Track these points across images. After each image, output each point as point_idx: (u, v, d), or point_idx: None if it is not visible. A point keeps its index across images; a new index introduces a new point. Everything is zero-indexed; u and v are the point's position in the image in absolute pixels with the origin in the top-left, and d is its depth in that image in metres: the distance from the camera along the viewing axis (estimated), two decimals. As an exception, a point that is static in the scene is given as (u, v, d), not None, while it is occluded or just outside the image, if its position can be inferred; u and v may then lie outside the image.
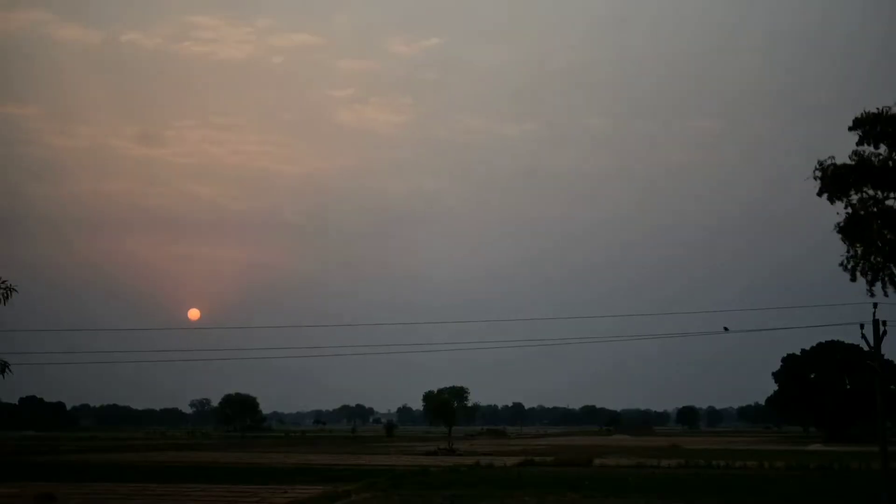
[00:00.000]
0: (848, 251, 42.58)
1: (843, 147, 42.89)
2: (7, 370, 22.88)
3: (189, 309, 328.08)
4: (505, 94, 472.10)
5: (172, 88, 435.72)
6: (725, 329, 50.81)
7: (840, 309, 49.98)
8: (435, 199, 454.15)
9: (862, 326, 40.00)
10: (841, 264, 42.86)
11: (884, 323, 39.83)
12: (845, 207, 42.07)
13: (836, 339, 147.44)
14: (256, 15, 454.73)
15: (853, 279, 42.45)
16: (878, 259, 41.97)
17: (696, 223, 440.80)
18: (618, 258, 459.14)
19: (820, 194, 42.39)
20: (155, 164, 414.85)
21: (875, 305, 40.28)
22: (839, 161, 42.03)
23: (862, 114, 41.52)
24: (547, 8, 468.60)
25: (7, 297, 22.91)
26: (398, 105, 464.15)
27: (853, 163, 41.57)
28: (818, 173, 42.26)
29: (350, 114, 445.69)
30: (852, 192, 41.86)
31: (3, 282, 22.92)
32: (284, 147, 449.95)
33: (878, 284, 42.19)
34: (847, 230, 42.00)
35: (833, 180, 41.72)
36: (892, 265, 41.91)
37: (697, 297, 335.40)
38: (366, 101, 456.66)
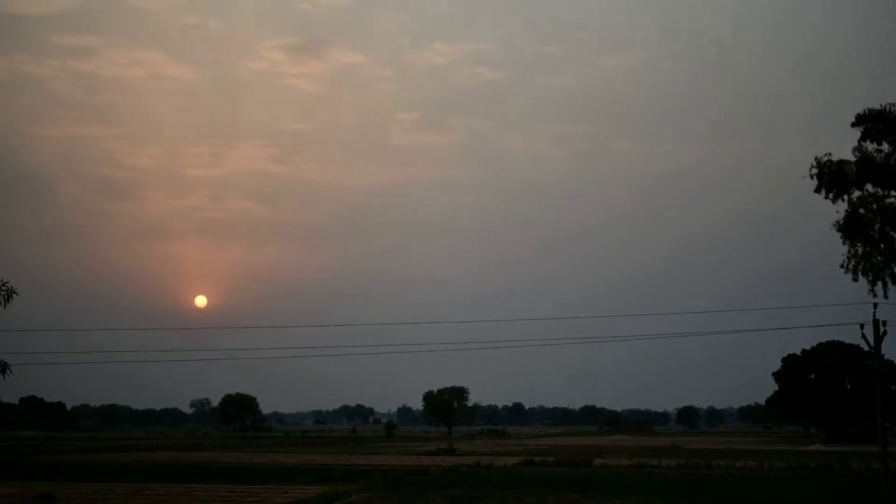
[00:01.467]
0: (849, 251, 42.50)
1: (840, 145, 42.82)
2: (8, 371, 22.87)
3: (196, 296, 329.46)
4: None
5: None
6: None
7: (840, 309, 50.02)
8: (436, 200, 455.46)
9: (862, 326, 39.95)
10: (842, 265, 42.79)
11: (884, 323, 39.79)
12: (847, 206, 41.91)
13: (836, 339, 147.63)
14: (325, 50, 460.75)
15: (855, 279, 42.39)
16: (880, 259, 41.91)
17: (697, 223, 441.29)
18: (618, 258, 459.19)
19: (817, 191, 42.20)
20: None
21: (875, 305, 40.25)
22: (836, 158, 41.84)
23: (865, 110, 41.30)
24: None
25: (8, 300, 22.89)
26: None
27: (855, 159, 41.36)
28: (814, 170, 42.07)
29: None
30: (853, 190, 41.71)
31: (5, 283, 22.89)
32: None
33: (879, 284, 42.17)
34: (847, 229, 41.84)
35: (833, 177, 41.52)
36: (893, 265, 41.83)
37: (697, 297, 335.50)
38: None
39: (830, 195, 41.99)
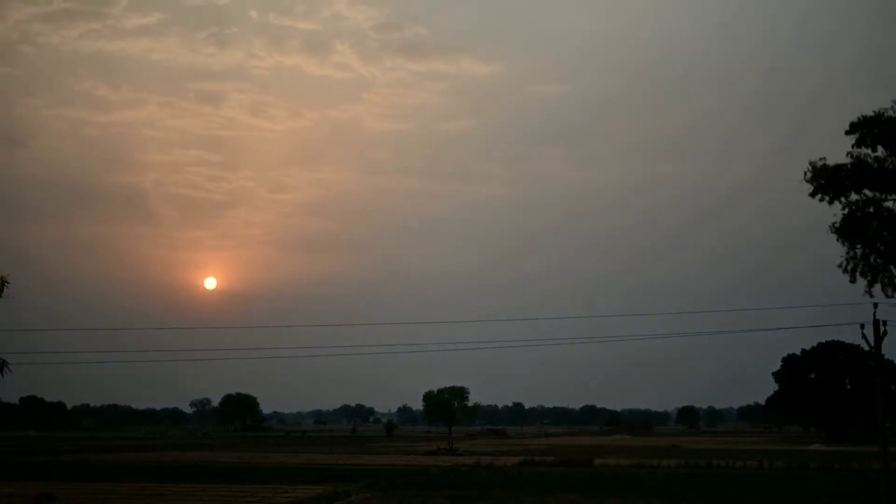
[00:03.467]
0: (847, 252, 42.63)
1: (833, 149, 42.99)
2: (6, 369, 22.87)
3: (206, 279, 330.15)
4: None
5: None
6: None
7: (840, 309, 49.98)
8: (437, 205, 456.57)
9: (862, 326, 39.95)
10: (840, 265, 42.92)
11: (884, 323, 39.79)
12: (843, 209, 42.12)
13: (836, 339, 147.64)
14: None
15: (853, 280, 42.50)
16: (878, 260, 42.03)
17: (697, 223, 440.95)
18: (618, 258, 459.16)
19: (813, 195, 42.48)
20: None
21: (875, 305, 40.25)
22: (831, 162, 42.13)
23: (859, 117, 41.75)
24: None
25: (1, 289, 22.86)
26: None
27: (849, 163, 41.66)
28: (809, 174, 42.37)
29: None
30: (851, 193, 41.92)
31: None
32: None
33: (878, 286, 42.25)
34: (844, 231, 42.03)
35: (829, 181, 41.78)
36: (892, 266, 41.94)
37: (697, 297, 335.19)
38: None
39: (827, 198, 42.23)
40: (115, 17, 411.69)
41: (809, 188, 42.48)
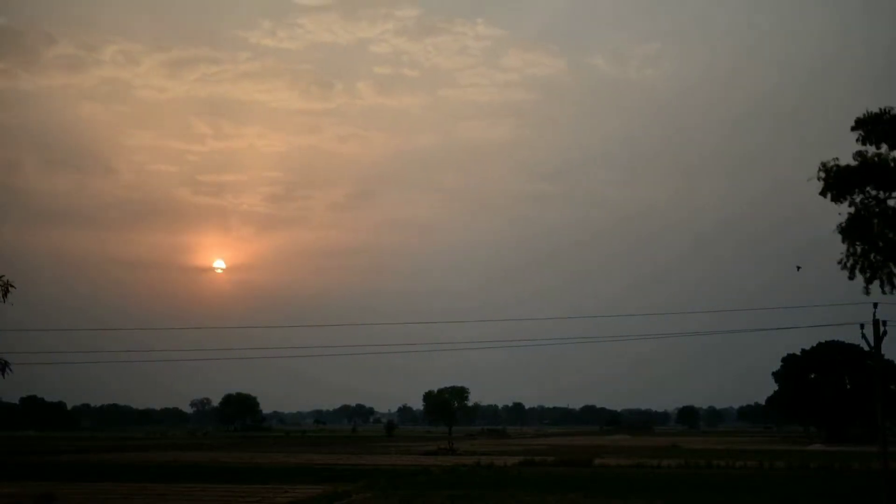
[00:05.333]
0: (848, 249, 42.75)
1: (845, 149, 43.14)
2: (7, 369, 22.81)
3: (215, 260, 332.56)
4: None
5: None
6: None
7: (840, 309, 49.96)
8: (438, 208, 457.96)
9: (862, 326, 39.95)
10: (840, 262, 43.02)
11: (884, 323, 39.80)
12: (849, 206, 42.29)
13: (836, 339, 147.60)
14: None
15: (851, 277, 42.58)
16: (878, 258, 42.10)
17: (697, 223, 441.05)
18: (618, 259, 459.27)
19: (823, 194, 42.64)
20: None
21: (875, 305, 40.26)
22: (842, 163, 42.35)
23: (864, 114, 41.86)
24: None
25: (6, 293, 22.80)
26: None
27: (856, 163, 41.86)
28: (822, 174, 42.58)
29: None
30: (856, 192, 42.07)
31: (0, 277, 22.74)
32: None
33: (876, 283, 42.31)
34: (848, 231, 42.16)
35: (837, 181, 41.95)
36: (891, 264, 42.02)
37: (698, 297, 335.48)
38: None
39: (833, 195, 42.40)
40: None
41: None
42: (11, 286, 22.81)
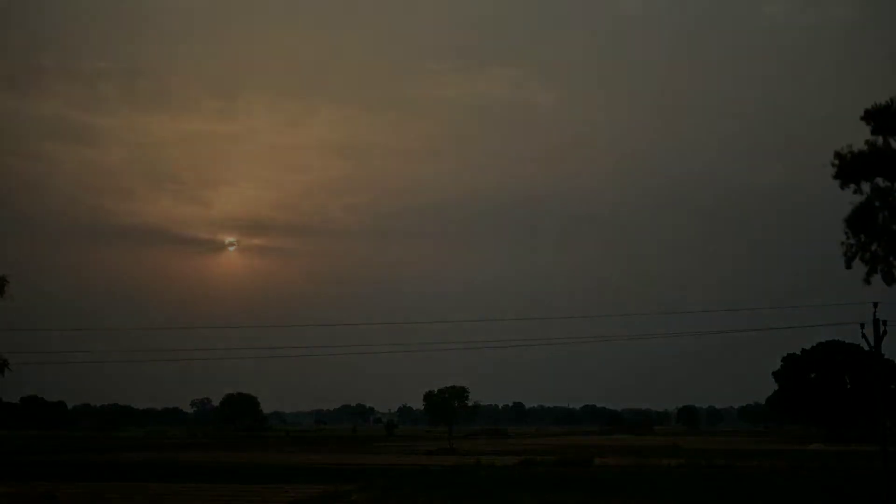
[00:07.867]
0: (848, 238, 42.64)
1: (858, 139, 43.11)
2: (7, 368, 22.88)
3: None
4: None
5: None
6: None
7: (840, 309, 50.04)
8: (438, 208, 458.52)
9: (862, 326, 39.99)
10: (843, 252, 42.90)
11: (884, 323, 39.83)
12: (855, 192, 42.21)
13: (836, 339, 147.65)
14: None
15: (848, 267, 42.49)
16: (880, 249, 42.02)
17: (697, 223, 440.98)
18: (618, 259, 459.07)
19: (836, 177, 42.54)
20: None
21: (875, 305, 40.30)
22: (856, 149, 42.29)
23: (874, 105, 41.82)
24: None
25: (2, 290, 22.90)
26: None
27: (867, 152, 41.78)
28: (836, 161, 42.49)
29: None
30: (863, 182, 42.02)
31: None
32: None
33: (877, 276, 42.23)
34: (853, 221, 42.03)
35: (847, 166, 41.88)
36: (892, 257, 41.93)
37: (698, 298, 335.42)
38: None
39: (841, 182, 42.35)
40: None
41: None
42: (6, 281, 22.92)
